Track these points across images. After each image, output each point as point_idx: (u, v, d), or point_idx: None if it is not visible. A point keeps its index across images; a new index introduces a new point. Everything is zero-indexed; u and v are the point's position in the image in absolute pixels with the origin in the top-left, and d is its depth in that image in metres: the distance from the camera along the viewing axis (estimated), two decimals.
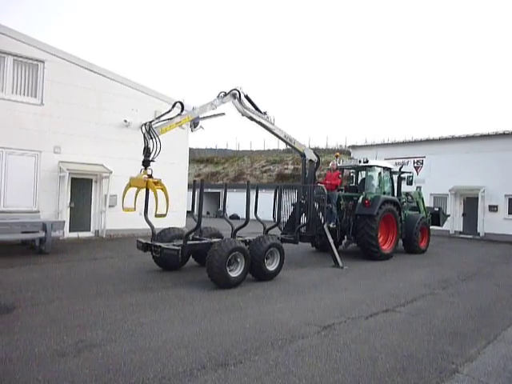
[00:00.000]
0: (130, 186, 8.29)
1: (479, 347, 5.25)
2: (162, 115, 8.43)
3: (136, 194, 8.40)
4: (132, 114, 15.80)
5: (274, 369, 4.34)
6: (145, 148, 8.12)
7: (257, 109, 10.04)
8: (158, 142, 8.01)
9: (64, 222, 12.68)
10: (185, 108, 8.78)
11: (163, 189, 8.16)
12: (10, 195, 12.96)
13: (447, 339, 5.49)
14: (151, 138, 7.99)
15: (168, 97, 16.93)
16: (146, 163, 8.17)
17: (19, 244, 12.12)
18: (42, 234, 10.99)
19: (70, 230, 14.18)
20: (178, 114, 8.56)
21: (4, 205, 12.86)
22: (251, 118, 9.96)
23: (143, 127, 8.04)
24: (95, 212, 15.07)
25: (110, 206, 15.03)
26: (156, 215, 7.97)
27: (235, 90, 9.47)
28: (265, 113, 10.18)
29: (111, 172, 14.81)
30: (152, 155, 8.12)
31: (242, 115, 9.82)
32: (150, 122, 8.03)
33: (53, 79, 13.95)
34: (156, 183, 8.07)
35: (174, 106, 8.60)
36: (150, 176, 8.12)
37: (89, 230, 14.97)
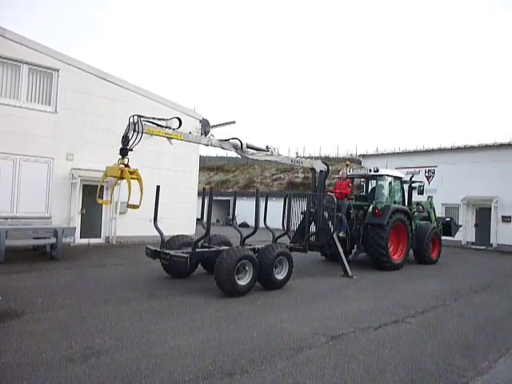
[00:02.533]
0: (105, 175, 8.10)
1: (491, 360, 5.15)
2: (155, 118, 8.20)
3: (113, 186, 8.29)
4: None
5: (280, 379, 4.30)
6: (124, 136, 7.82)
7: (259, 149, 9.93)
8: (140, 136, 7.71)
9: (75, 228, 12.81)
10: (183, 124, 8.54)
11: (139, 179, 7.94)
12: (22, 201, 13.14)
13: (458, 352, 5.39)
14: (134, 131, 7.68)
15: (180, 105, 17.12)
16: (123, 152, 7.85)
17: (31, 250, 12.26)
18: (53, 240, 11.11)
19: (80, 237, 14.32)
20: (173, 129, 8.37)
21: (17, 211, 13.04)
22: (256, 159, 10.03)
23: (131, 118, 7.74)
24: (106, 219, 15.20)
25: (120, 213, 15.14)
26: (128, 205, 7.86)
27: (236, 139, 9.30)
28: (267, 147, 10.04)
29: (122, 179, 14.93)
30: (130, 144, 7.80)
31: (247, 160, 9.84)
32: (140, 117, 7.77)
33: (67, 87, 14.18)
34: (132, 173, 7.85)
35: (171, 118, 8.47)
36: (127, 165, 7.87)
37: (99, 237, 15.09)
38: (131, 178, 7.81)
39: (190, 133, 9.03)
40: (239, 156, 9.75)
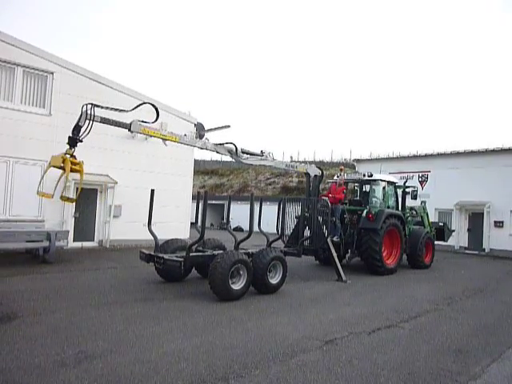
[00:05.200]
0: (49, 165, 7.71)
1: (483, 365, 5.18)
2: (114, 109, 7.98)
3: (59, 178, 7.92)
4: None
5: (274, 383, 4.29)
6: (76, 125, 7.36)
7: (254, 154, 9.99)
8: (91, 126, 7.40)
9: (68, 231, 12.73)
10: (159, 114, 8.35)
11: (80, 172, 7.55)
12: (15, 204, 13.05)
13: (451, 356, 5.42)
14: (87, 120, 7.35)
15: (175, 109, 17.09)
16: (72, 141, 7.41)
17: (23, 253, 12.15)
18: (46, 244, 11.02)
19: (74, 240, 14.24)
20: (155, 120, 8.15)
21: (10, 213, 12.95)
22: (250, 164, 10.08)
23: (85, 106, 7.40)
24: (99, 222, 15.12)
25: (114, 217, 15.09)
26: (61, 197, 7.71)
27: (231, 143, 9.35)
28: (262, 152, 10.09)
29: (116, 182, 14.90)
30: (81, 134, 7.45)
31: (242, 164, 9.88)
32: (94, 105, 7.47)
33: (61, 90, 14.13)
34: (75, 164, 7.45)
35: (140, 104, 8.26)
36: (73, 156, 7.43)
37: (93, 240, 15.02)
38: (73, 170, 7.43)
39: (185, 135, 9.03)
40: (234, 160, 9.78)
